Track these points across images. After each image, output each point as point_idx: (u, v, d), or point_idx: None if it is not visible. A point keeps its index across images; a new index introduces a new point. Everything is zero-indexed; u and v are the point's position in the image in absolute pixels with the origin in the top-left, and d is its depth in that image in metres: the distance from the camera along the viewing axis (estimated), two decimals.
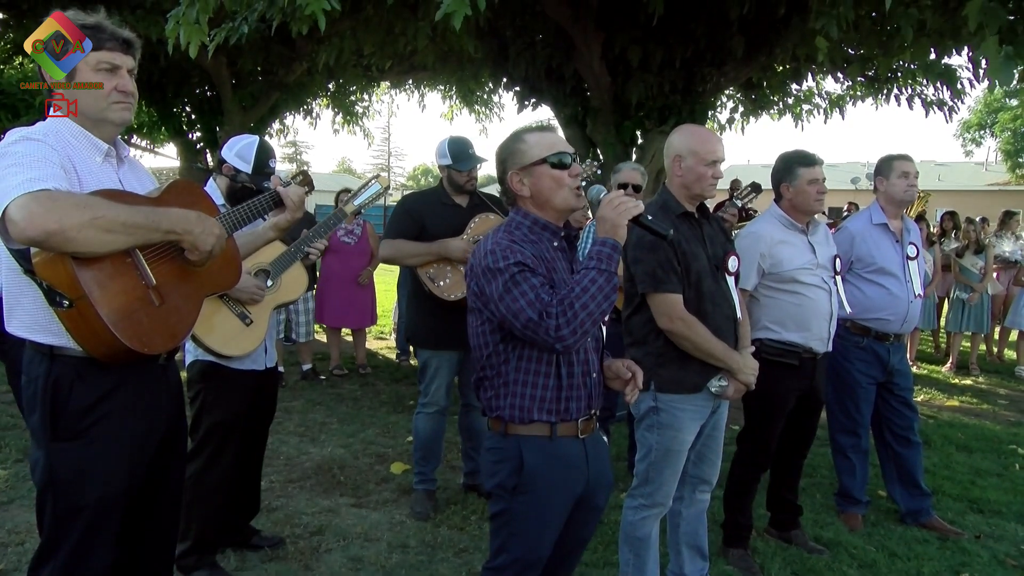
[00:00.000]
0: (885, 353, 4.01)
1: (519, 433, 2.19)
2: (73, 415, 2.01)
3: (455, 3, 3.63)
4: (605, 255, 2.09)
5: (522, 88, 7.97)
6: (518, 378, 2.17)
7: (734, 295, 2.95)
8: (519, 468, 2.17)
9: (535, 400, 2.17)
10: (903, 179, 3.95)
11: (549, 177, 2.19)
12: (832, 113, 10.26)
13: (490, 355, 2.19)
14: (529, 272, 2.08)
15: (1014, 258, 8.98)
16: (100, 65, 2.06)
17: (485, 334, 2.19)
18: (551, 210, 2.22)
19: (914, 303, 3.98)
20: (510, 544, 2.21)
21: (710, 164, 2.83)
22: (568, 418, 2.22)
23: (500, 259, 2.09)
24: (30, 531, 3.52)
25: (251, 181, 3.28)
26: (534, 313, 2.03)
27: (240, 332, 3.17)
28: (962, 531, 4.05)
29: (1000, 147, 30.84)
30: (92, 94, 2.06)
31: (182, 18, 4.48)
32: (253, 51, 9.47)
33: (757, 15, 6.18)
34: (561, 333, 2.02)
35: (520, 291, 2.05)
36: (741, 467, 3.66)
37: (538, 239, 2.21)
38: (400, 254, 4.02)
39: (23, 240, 1.79)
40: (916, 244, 4.05)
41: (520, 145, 2.22)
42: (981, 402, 7.21)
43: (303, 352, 7.25)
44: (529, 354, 2.16)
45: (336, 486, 4.42)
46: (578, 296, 2.03)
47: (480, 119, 13.41)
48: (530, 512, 2.19)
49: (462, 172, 4.02)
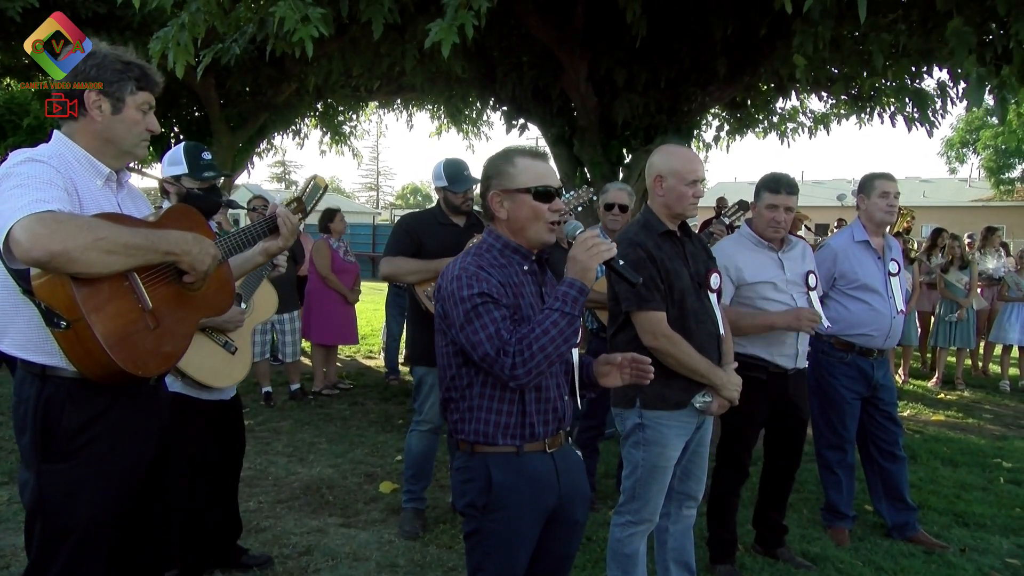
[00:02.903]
0: (869, 368, 4.05)
1: (485, 451, 2.19)
2: (64, 436, 2.02)
3: (443, 31, 3.69)
4: (571, 298, 2.08)
5: (509, 108, 8.04)
6: (482, 404, 2.18)
7: (717, 312, 2.99)
8: (488, 487, 2.17)
9: (499, 427, 2.18)
10: (883, 199, 4.00)
11: (529, 207, 2.17)
12: (817, 131, 10.41)
13: (454, 377, 2.20)
14: (492, 304, 2.07)
15: (998, 275, 9.09)
16: (143, 106, 2.16)
17: (449, 355, 2.20)
18: (523, 238, 2.22)
19: (896, 318, 4.03)
20: (485, 563, 2.21)
21: (690, 184, 2.88)
22: (534, 439, 2.21)
23: (464, 287, 2.08)
24: (15, 554, 3.50)
25: (195, 179, 3.15)
26: (491, 348, 2.04)
27: (228, 362, 3.17)
28: (947, 544, 4.08)
29: (983, 164, 31.24)
30: (131, 130, 2.15)
31: (171, 40, 4.52)
32: (242, 72, 9.53)
33: (740, 36, 6.28)
34: (516, 372, 2.03)
35: (481, 323, 2.05)
36: (720, 481, 3.69)
37: (508, 263, 2.20)
38: (399, 271, 4.07)
39: (27, 261, 1.81)
40: (898, 260, 4.11)
41: (509, 167, 2.20)
42: (966, 416, 7.26)
43: (291, 372, 7.23)
44: (493, 381, 2.15)
45: (325, 506, 4.42)
46: (537, 337, 2.03)
47: (468, 138, 13.49)
48: (502, 530, 2.19)
49: (457, 194, 4.07)
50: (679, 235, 2.98)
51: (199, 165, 3.18)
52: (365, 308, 11.59)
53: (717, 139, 10.68)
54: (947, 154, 33.37)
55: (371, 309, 13.20)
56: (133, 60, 2.16)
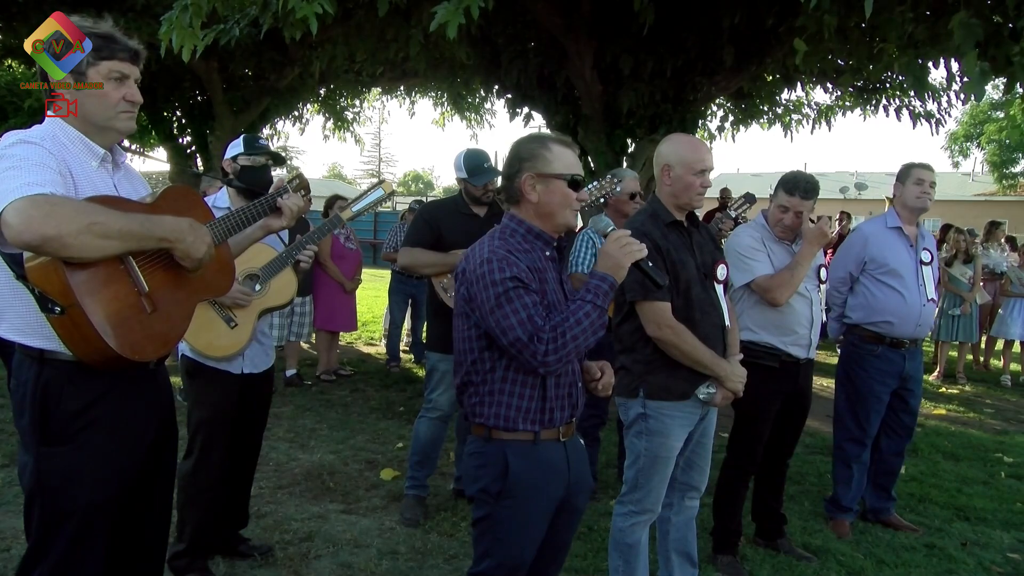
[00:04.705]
0: (900, 360, 4.02)
1: (503, 438, 2.20)
2: (63, 419, 2.00)
3: (449, 13, 3.65)
4: (603, 292, 2.13)
5: (514, 95, 8.00)
6: (503, 388, 2.19)
7: (723, 303, 2.97)
8: (504, 473, 2.18)
9: (520, 411, 2.19)
10: (917, 186, 4.00)
11: (562, 193, 2.21)
12: (820, 123, 10.37)
13: (475, 361, 2.21)
14: (523, 289, 2.10)
15: (1000, 269, 9.07)
16: (111, 74, 2.07)
17: (471, 339, 2.20)
18: (549, 223, 2.25)
19: (927, 307, 4.01)
20: (494, 549, 2.22)
21: (698, 173, 2.85)
22: (551, 425, 2.24)
23: (496, 270, 2.10)
24: (16, 536, 3.49)
25: (248, 156, 3.31)
26: (523, 333, 2.06)
27: (224, 335, 3.16)
28: (918, 528, 4.16)
29: (987, 158, 31.09)
30: (101, 102, 2.07)
31: (175, 22, 4.48)
32: (245, 56, 9.46)
33: (747, 25, 6.23)
34: (548, 359, 2.07)
35: (512, 308, 2.07)
36: (730, 471, 3.69)
37: (531, 248, 2.22)
38: (416, 263, 4.06)
39: (19, 244, 1.79)
40: (930, 250, 4.10)
41: (545, 152, 2.22)
42: (968, 411, 7.26)
43: (289, 356, 7.16)
44: (517, 365, 2.17)
45: (326, 492, 4.41)
46: (571, 327, 2.08)
47: (471, 126, 13.45)
48: (514, 517, 2.20)
49: (477, 186, 4.05)
50: (686, 225, 2.96)
51: (254, 145, 3.36)
52: (366, 295, 11.59)
53: (722, 129, 10.65)
54: (951, 148, 33.24)
55: (372, 296, 13.19)
56: (99, 31, 2.07)
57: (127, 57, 2.10)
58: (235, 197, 3.34)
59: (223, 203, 3.33)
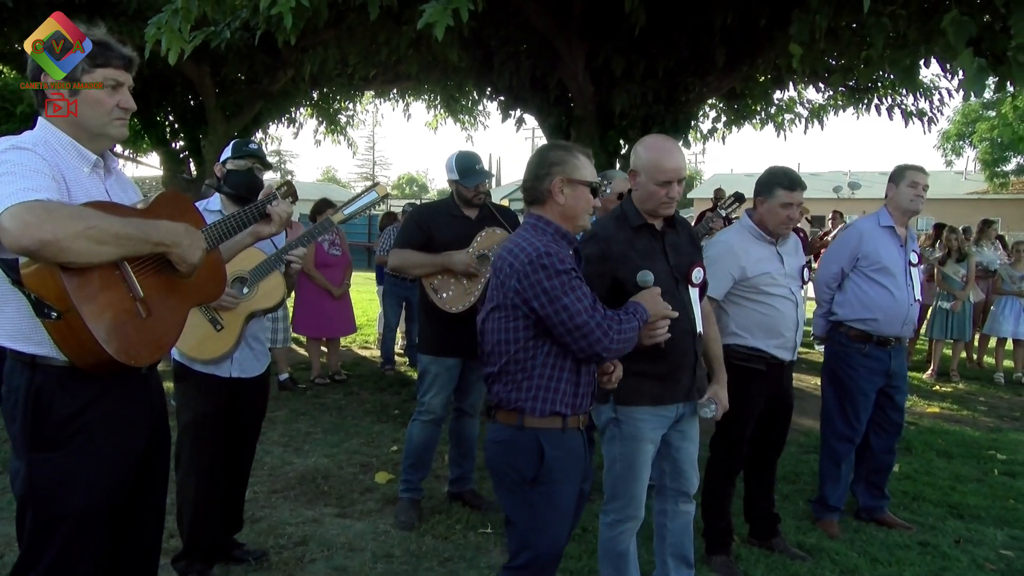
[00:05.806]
0: (887, 358, 4.06)
1: (535, 425, 2.32)
2: (54, 425, 2.00)
3: (437, 13, 3.65)
4: (640, 318, 2.44)
5: (506, 98, 7.99)
6: (544, 372, 2.34)
7: (695, 308, 2.88)
8: (539, 459, 2.30)
9: (558, 393, 2.35)
10: (911, 188, 4.04)
11: (586, 199, 2.43)
12: (813, 123, 10.39)
13: (518, 351, 2.32)
14: (580, 280, 2.31)
15: (992, 267, 9.10)
16: (107, 82, 2.09)
17: (517, 330, 2.32)
18: (570, 224, 2.45)
19: (913, 307, 4.06)
20: (532, 539, 2.32)
21: (663, 184, 2.77)
22: (579, 412, 2.42)
23: (558, 262, 2.27)
24: (9, 544, 3.48)
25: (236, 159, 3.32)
26: (590, 319, 2.26)
27: (210, 337, 3.16)
28: (912, 525, 4.17)
29: (979, 156, 31.18)
30: (95, 109, 2.08)
31: (164, 25, 4.47)
32: (237, 60, 9.43)
33: (739, 26, 6.25)
34: (609, 346, 2.29)
35: (577, 296, 2.26)
36: (714, 471, 3.68)
37: (560, 248, 2.37)
38: (406, 264, 4.07)
39: (16, 249, 1.80)
40: (917, 252, 4.16)
41: (575, 160, 2.43)
42: (961, 408, 7.28)
43: (280, 361, 7.11)
44: (558, 351, 2.33)
45: (320, 496, 4.40)
46: (623, 330, 2.34)
47: (465, 128, 13.43)
48: (550, 503, 2.32)
49: (468, 188, 4.05)
50: (659, 228, 2.89)
51: (241, 149, 3.40)
52: (360, 298, 11.55)
53: (714, 130, 10.65)
54: (943, 147, 33.33)
55: (366, 299, 13.16)
56: (95, 37, 2.08)
57: (121, 64, 2.12)
58: (227, 202, 3.34)
59: (215, 206, 3.32)
